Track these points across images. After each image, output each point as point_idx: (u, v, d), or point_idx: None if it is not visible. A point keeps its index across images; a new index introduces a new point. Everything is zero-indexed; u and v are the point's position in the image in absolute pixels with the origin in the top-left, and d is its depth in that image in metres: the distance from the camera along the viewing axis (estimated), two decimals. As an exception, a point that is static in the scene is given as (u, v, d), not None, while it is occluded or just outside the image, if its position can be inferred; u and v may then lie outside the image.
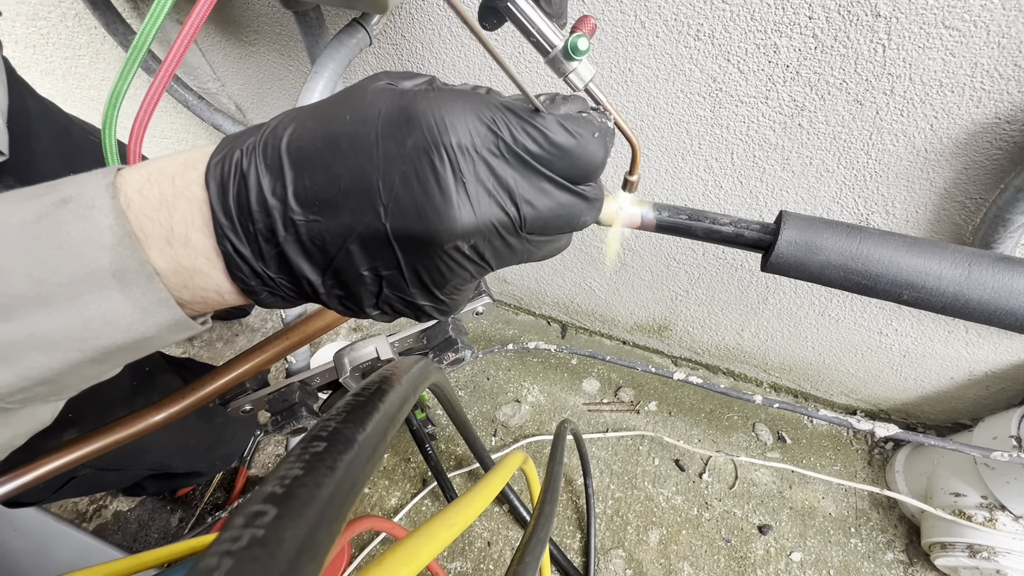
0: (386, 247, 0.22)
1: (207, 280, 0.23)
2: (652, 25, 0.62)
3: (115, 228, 0.21)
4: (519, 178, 0.22)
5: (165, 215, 0.22)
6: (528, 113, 0.22)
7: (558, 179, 0.23)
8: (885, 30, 0.52)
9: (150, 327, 0.22)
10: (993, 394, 0.89)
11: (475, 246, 0.22)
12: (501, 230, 0.22)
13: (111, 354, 0.23)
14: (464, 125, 0.21)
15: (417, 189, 0.21)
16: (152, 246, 0.22)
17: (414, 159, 0.20)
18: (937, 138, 0.59)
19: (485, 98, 0.22)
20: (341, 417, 0.21)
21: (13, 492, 0.40)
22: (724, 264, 0.89)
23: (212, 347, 1.29)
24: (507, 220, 0.22)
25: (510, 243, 0.23)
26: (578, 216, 0.24)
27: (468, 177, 0.21)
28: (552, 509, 0.46)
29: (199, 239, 0.22)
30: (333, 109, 0.22)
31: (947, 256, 0.28)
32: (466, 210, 0.21)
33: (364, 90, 0.22)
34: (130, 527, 1.03)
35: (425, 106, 0.21)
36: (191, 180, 0.22)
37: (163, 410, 0.46)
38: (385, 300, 0.24)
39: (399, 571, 0.28)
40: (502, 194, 0.22)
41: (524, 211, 0.22)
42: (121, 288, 0.21)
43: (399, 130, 0.21)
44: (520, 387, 1.18)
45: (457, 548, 0.98)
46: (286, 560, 0.14)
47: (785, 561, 0.94)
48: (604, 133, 0.24)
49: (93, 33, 1.00)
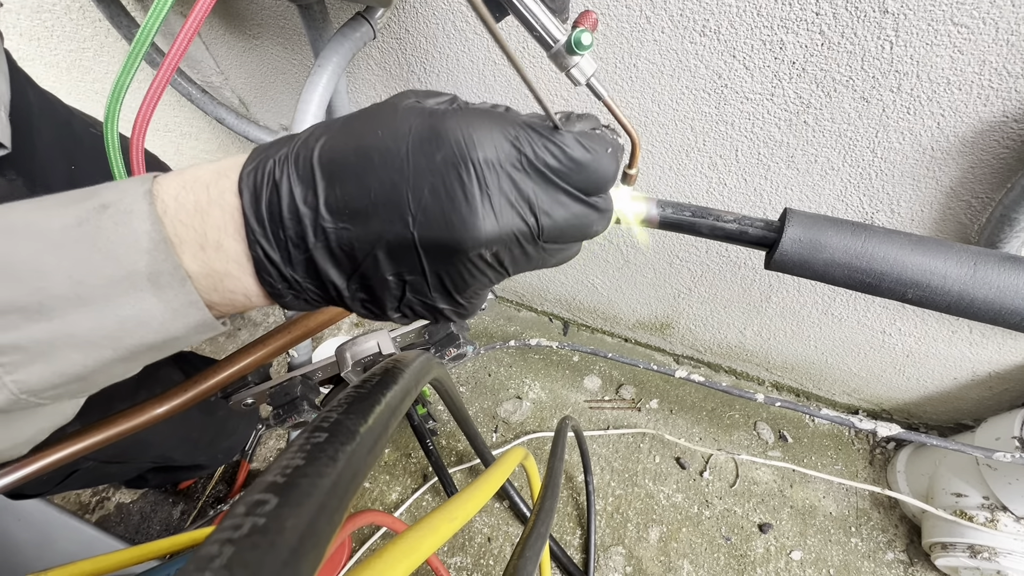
0: (412, 254, 0.23)
1: (236, 283, 0.24)
2: (657, 20, 0.61)
3: (152, 233, 0.22)
4: (539, 191, 0.24)
5: (199, 221, 0.23)
6: (548, 131, 0.24)
7: (573, 191, 0.24)
8: (893, 27, 0.52)
9: (179, 327, 0.24)
10: (996, 395, 0.89)
11: (496, 253, 0.24)
12: (521, 239, 0.24)
13: (141, 353, 0.24)
14: (490, 141, 0.22)
15: (445, 200, 0.22)
16: (186, 251, 0.23)
17: (443, 172, 0.22)
18: (944, 136, 0.58)
19: (508, 116, 0.24)
20: (343, 409, 0.21)
21: (16, 483, 0.41)
22: (727, 262, 0.89)
23: (214, 341, 1.29)
24: (527, 229, 0.24)
25: (527, 251, 0.25)
26: (590, 225, 0.26)
27: (493, 189, 0.22)
28: (552, 505, 0.46)
29: (231, 244, 0.23)
30: (365, 125, 0.23)
31: (952, 255, 0.28)
32: (490, 220, 0.22)
33: (395, 107, 0.23)
34: (132, 519, 1.03)
35: (454, 124, 0.22)
36: (225, 188, 0.23)
37: (166, 403, 0.47)
38: (407, 304, 0.26)
39: (400, 564, 0.28)
40: (523, 205, 0.23)
41: (543, 221, 0.24)
42: (155, 290, 0.22)
43: (429, 145, 0.22)
44: (521, 383, 1.19)
45: (457, 543, 0.98)
46: (287, 548, 0.14)
47: (785, 560, 0.94)
48: (616, 149, 0.26)
49: (97, 26, 1.00)
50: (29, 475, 0.41)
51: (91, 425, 0.45)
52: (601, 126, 0.27)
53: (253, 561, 0.13)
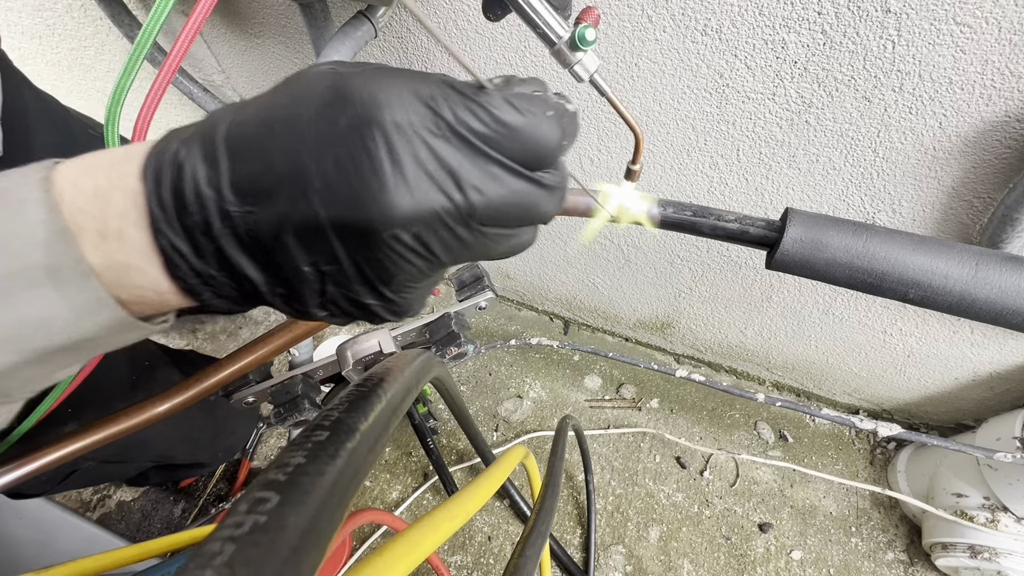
0: (323, 238, 0.20)
1: (143, 277, 0.21)
2: (659, 20, 0.61)
3: (48, 223, 0.20)
4: (464, 161, 0.20)
5: (99, 208, 0.21)
6: (471, 90, 0.21)
7: (510, 164, 0.21)
8: (895, 26, 0.52)
9: (89, 328, 0.21)
10: (997, 395, 0.89)
11: (419, 236, 0.21)
12: (447, 218, 0.20)
13: (51, 356, 0.22)
14: (400, 102, 0.19)
15: (352, 172, 0.19)
16: (86, 241, 0.20)
17: (348, 140, 0.19)
18: (946, 136, 0.58)
19: (424, 75, 0.21)
20: (344, 407, 0.21)
21: (15, 482, 0.41)
22: (728, 261, 0.89)
23: (216, 340, 1.29)
24: (451, 207, 0.20)
25: (459, 234, 0.21)
26: (536, 205, 0.22)
27: (405, 158, 0.19)
28: (553, 504, 0.46)
29: (134, 233, 0.21)
30: (273, 95, 0.21)
31: (954, 255, 0.28)
32: (403, 194, 0.19)
33: (304, 74, 0.21)
34: (133, 517, 1.04)
35: (360, 83, 0.20)
36: (127, 172, 0.21)
37: (167, 401, 0.47)
38: (331, 299, 0.23)
39: (400, 562, 0.28)
40: (445, 178, 0.20)
41: (473, 198, 0.20)
42: (55, 286, 0.20)
43: (332, 110, 0.19)
44: (522, 383, 1.19)
45: (458, 542, 0.98)
46: (288, 546, 0.14)
47: (785, 559, 0.94)
48: (560, 114, 0.22)
49: (99, 24, 1.00)
50: (27, 475, 0.41)
51: (92, 423, 0.45)
52: (548, 91, 0.24)
53: (255, 559, 0.13)
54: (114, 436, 0.45)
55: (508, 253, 0.24)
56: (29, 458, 0.42)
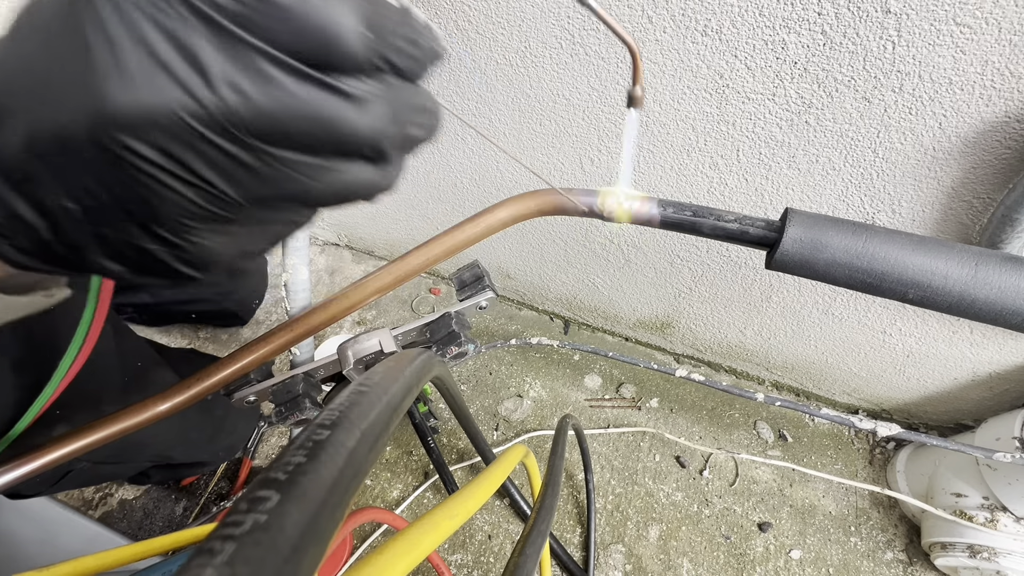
0: (62, 157, 0.17)
1: None
2: (659, 20, 0.61)
3: None
4: (210, 48, 0.16)
5: None
6: None
7: (282, 58, 0.16)
8: (895, 27, 0.52)
9: None
10: (997, 395, 0.89)
11: (166, 149, 0.16)
12: (196, 125, 0.16)
13: None
14: None
15: (66, 58, 0.16)
16: None
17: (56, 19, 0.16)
18: (946, 136, 0.58)
19: None
20: (344, 406, 0.21)
21: (12, 483, 0.41)
22: (728, 261, 0.89)
23: (216, 339, 1.29)
24: (197, 107, 0.16)
25: (230, 152, 0.17)
26: (336, 121, 0.17)
27: (122, 42, 0.15)
28: (553, 503, 0.46)
29: None
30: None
31: (954, 255, 0.28)
32: (117, 86, 0.15)
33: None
34: (135, 515, 1.04)
35: None
36: None
37: (168, 400, 0.47)
38: (113, 245, 0.19)
39: (401, 561, 0.28)
40: (185, 69, 0.15)
41: (228, 98, 0.16)
42: None
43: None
44: (522, 382, 1.19)
45: (458, 540, 0.98)
46: (289, 545, 0.14)
47: (784, 559, 0.94)
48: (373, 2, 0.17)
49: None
50: (25, 475, 0.41)
51: (90, 424, 0.45)
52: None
53: (255, 558, 0.13)
54: (114, 436, 0.45)
55: (335, 196, 0.19)
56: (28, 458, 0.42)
